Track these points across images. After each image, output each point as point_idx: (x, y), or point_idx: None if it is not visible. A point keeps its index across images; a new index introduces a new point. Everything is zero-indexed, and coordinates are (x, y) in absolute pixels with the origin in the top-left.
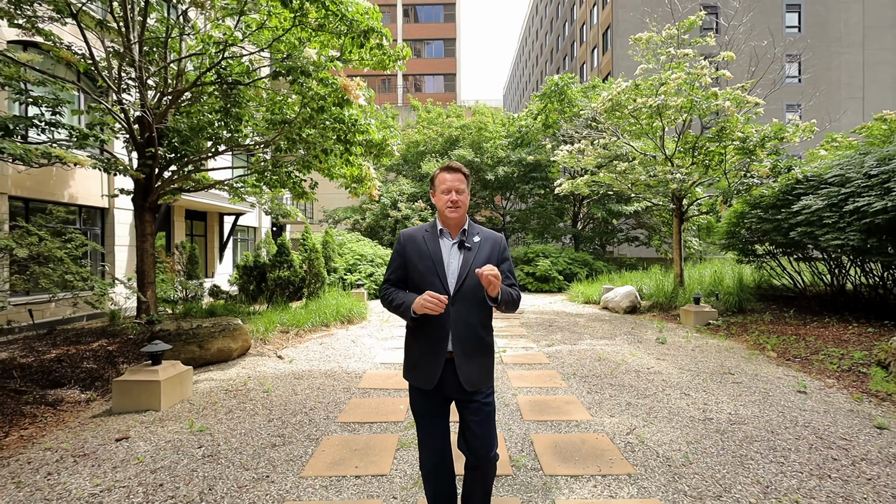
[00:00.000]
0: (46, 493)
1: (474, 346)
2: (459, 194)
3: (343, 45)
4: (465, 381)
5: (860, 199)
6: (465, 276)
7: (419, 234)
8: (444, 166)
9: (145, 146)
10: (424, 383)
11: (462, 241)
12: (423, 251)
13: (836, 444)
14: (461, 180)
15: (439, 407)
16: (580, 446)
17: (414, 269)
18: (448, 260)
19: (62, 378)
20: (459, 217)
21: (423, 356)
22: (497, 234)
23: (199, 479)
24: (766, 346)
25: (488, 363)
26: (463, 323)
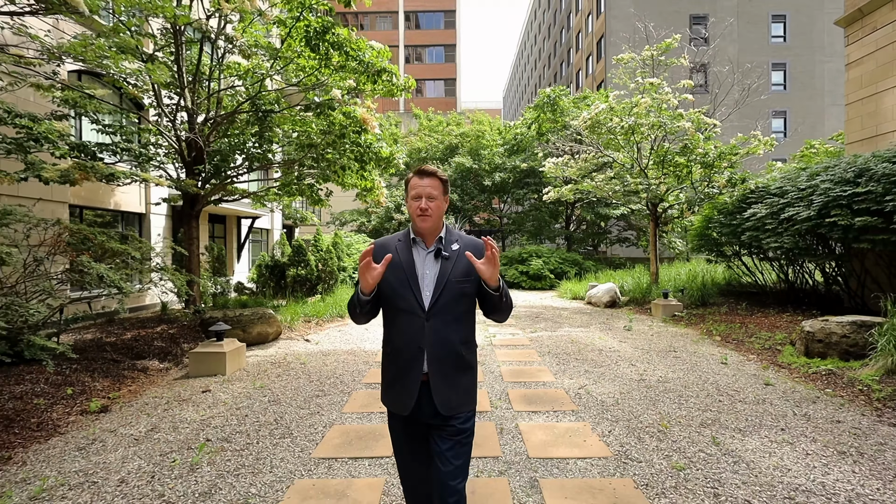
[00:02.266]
0: (170, 420)
1: (453, 366)
2: (431, 201)
3: (359, 80)
4: (442, 405)
5: (792, 209)
6: (443, 289)
7: (391, 244)
8: (417, 169)
9: (193, 164)
10: (400, 409)
11: (439, 250)
12: (394, 262)
13: (726, 394)
14: (435, 186)
15: (420, 435)
16: (542, 396)
17: (385, 281)
18: (423, 271)
19: (142, 353)
20: (431, 226)
21: (397, 379)
22: (478, 241)
23: (270, 413)
24: (713, 332)
25: (469, 384)
26: (440, 340)
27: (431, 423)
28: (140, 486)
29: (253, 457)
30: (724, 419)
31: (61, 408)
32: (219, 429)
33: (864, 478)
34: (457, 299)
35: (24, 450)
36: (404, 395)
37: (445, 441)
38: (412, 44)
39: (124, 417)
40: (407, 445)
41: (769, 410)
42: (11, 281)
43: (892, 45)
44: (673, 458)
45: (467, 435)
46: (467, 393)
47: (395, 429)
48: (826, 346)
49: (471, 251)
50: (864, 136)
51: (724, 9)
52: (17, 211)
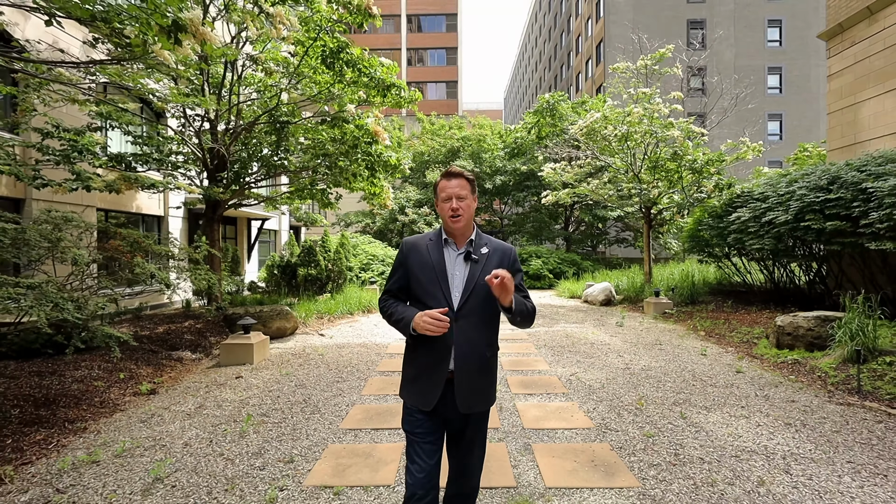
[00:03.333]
0: (213, 400)
1: (478, 366)
2: (461, 201)
3: (369, 93)
4: (462, 404)
5: (772, 213)
6: (471, 291)
7: (423, 243)
8: (444, 172)
9: (215, 171)
10: (422, 404)
11: (468, 252)
12: (425, 261)
13: (700, 379)
14: (463, 186)
15: (436, 429)
16: (537, 381)
17: (416, 280)
18: (452, 272)
19: (176, 344)
20: (464, 226)
21: (422, 375)
22: (507, 246)
23: (298, 395)
24: (698, 328)
25: (490, 385)
26: (467, 341)
27: (449, 418)
28: (202, 448)
29: (290, 427)
30: (694, 399)
31: (117, 389)
32: (256, 406)
33: (800, 442)
34: (484, 302)
35: (94, 422)
36: (429, 392)
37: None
38: (414, 46)
39: (172, 398)
40: (421, 428)
41: (735, 392)
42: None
43: (869, 59)
44: (645, 428)
45: (483, 434)
46: (487, 393)
47: (410, 422)
48: (794, 338)
49: (500, 255)
50: (845, 144)
51: (720, 14)
52: (75, 218)
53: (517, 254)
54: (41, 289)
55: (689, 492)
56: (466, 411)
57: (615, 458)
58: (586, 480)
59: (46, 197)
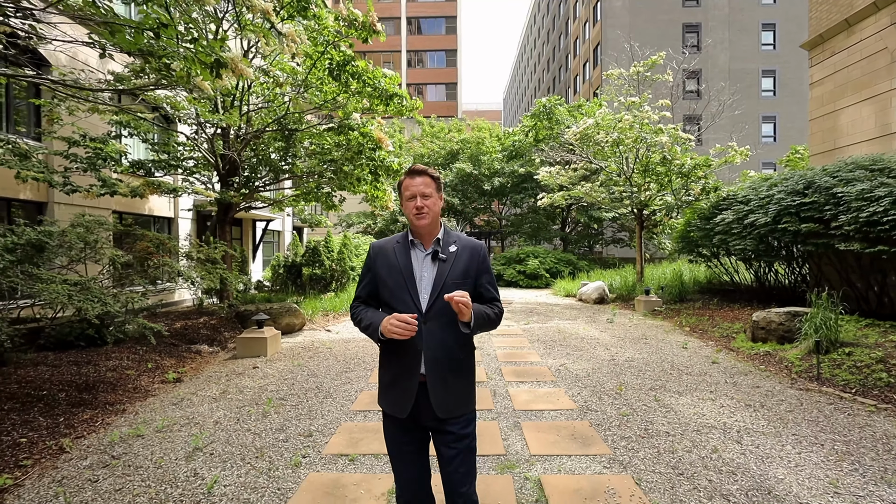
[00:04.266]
0: (234, 386)
1: (451, 368)
2: (426, 199)
3: (373, 102)
4: (438, 408)
5: (753, 215)
6: (440, 291)
7: (389, 246)
8: (408, 170)
9: (227, 176)
10: (397, 411)
11: (436, 252)
12: (392, 264)
13: (678, 369)
14: (427, 184)
15: (416, 439)
16: (529, 370)
17: (383, 284)
18: (420, 273)
19: (193, 339)
20: (429, 225)
21: (395, 381)
22: (476, 242)
23: (311, 382)
24: (684, 324)
25: (467, 387)
26: (437, 343)
27: (430, 427)
28: (230, 425)
29: (306, 409)
30: (669, 385)
31: (146, 378)
32: (274, 392)
33: (756, 419)
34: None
35: (131, 405)
36: (402, 398)
37: (450, 449)
38: (414, 49)
39: (197, 385)
40: (403, 447)
41: (707, 380)
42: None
43: (847, 69)
44: (622, 409)
45: (470, 440)
46: (464, 395)
47: (391, 431)
48: (767, 332)
49: (469, 252)
50: (825, 150)
51: (715, 18)
52: (107, 222)
53: (486, 250)
54: (86, 286)
55: (653, 457)
56: (445, 416)
57: (592, 432)
58: (565, 449)
59: (67, 200)
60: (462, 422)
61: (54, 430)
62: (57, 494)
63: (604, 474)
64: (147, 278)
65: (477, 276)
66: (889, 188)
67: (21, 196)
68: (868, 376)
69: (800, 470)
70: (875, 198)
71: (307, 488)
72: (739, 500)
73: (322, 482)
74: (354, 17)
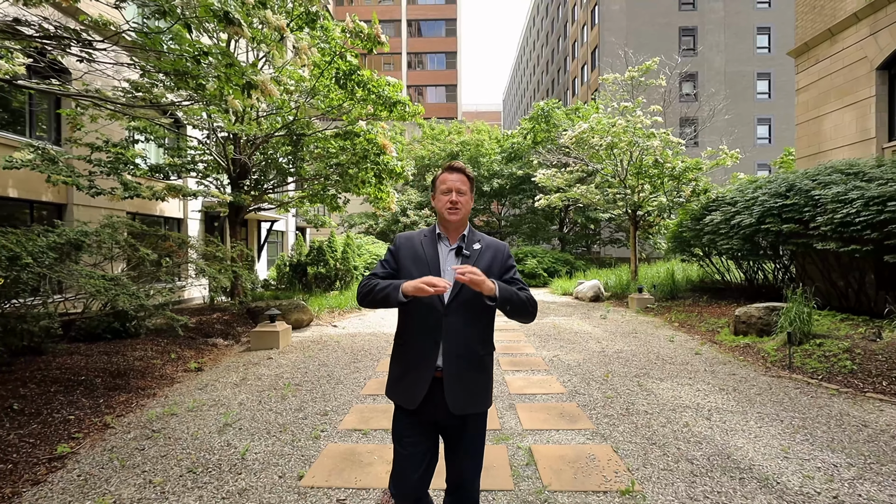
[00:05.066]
0: (252, 374)
1: (469, 364)
2: (461, 195)
3: (377, 108)
4: (452, 405)
5: (739, 216)
6: (462, 285)
7: (417, 238)
8: (446, 166)
9: (238, 179)
10: (407, 402)
11: (460, 247)
12: (418, 255)
13: (662, 359)
14: (463, 181)
15: (425, 431)
16: (524, 361)
17: (407, 273)
18: (445, 266)
19: (209, 332)
20: (459, 220)
21: (409, 371)
22: (500, 243)
23: (323, 371)
24: (673, 320)
25: (484, 385)
26: (457, 336)
27: (442, 423)
28: (253, 406)
29: (320, 393)
30: (653, 373)
31: (170, 367)
32: (290, 379)
33: (727, 401)
34: (475, 297)
35: (160, 390)
36: (415, 388)
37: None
38: (414, 51)
39: (217, 374)
40: (409, 431)
41: (688, 368)
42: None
43: (831, 76)
44: (607, 393)
45: (481, 441)
46: (481, 394)
47: (403, 428)
48: (748, 326)
49: (493, 251)
50: (810, 153)
51: (711, 21)
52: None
53: (511, 251)
54: (121, 281)
55: (630, 431)
56: (458, 412)
57: (579, 411)
58: (554, 425)
59: (85, 202)
60: (476, 420)
61: (97, 410)
62: (111, 459)
63: (586, 444)
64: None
65: (501, 273)
66: (861, 191)
67: (43, 198)
68: (834, 364)
69: (758, 440)
70: (848, 200)
71: (327, 455)
72: (701, 463)
73: (339, 451)
74: (360, 29)
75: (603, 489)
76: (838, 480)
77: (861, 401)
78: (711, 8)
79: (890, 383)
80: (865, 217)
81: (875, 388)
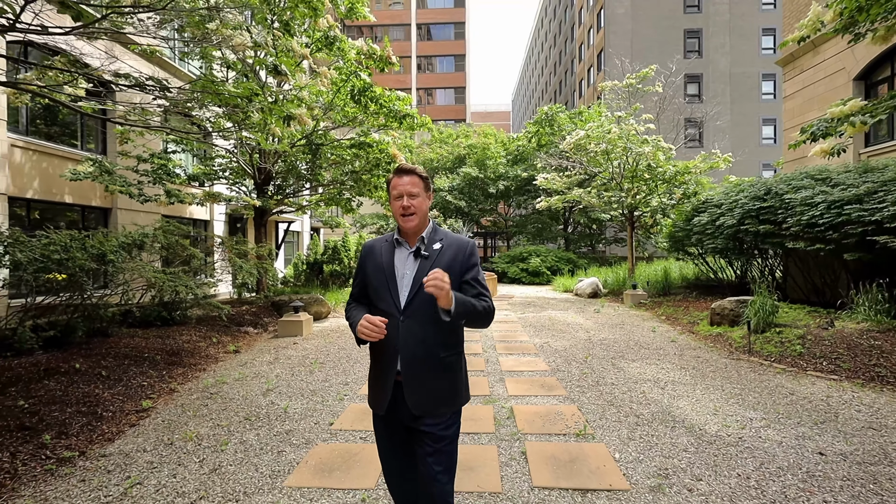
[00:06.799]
0: (283, 355)
1: (429, 367)
2: (413, 199)
3: (388, 121)
4: (414, 406)
5: (723, 218)
6: (419, 288)
7: (378, 245)
8: (396, 169)
9: (262, 185)
10: (376, 407)
11: (418, 249)
12: (377, 263)
13: (640, 345)
14: (415, 183)
15: (397, 434)
16: (517, 346)
17: (370, 283)
18: (402, 271)
19: (240, 322)
20: (416, 225)
21: (375, 378)
22: (464, 240)
23: (342, 353)
24: (661, 314)
25: (447, 387)
26: (415, 341)
27: (409, 425)
28: (287, 378)
29: (341, 369)
30: (628, 356)
31: (213, 349)
32: (315, 358)
33: (683, 376)
34: (433, 299)
35: (208, 366)
36: (380, 395)
37: (426, 447)
38: (424, 54)
39: (253, 355)
40: (387, 442)
41: (660, 353)
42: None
43: (814, 85)
44: (584, 370)
45: (448, 442)
46: (444, 395)
47: (378, 427)
48: (721, 317)
49: (454, 249)
50: (796, 157)
51: (716, 24)
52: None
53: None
54: (178, 275)
55: (596, 397)
56: (419, 413)
57: (557, 383)
58: (534, 392)
59: (127, 206)
60: (443, 423)
61: (162, 378)
62: (184, 411)
63: (557, 405)
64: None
65: (462, 273)
66: (826, 195)
67: (93, 203)
68: (787, 348)
69: (697, 403)
70: (814, 203)
71: (350, 411)
72: (646, 418)
73: (360, 408)
74: (373, 51)
75: (563, 433)
76: (749, 428)
77: (800, 377)
78: (716, 10)
79: (829, 363)
80: (828, 219)
81: (816, 367)
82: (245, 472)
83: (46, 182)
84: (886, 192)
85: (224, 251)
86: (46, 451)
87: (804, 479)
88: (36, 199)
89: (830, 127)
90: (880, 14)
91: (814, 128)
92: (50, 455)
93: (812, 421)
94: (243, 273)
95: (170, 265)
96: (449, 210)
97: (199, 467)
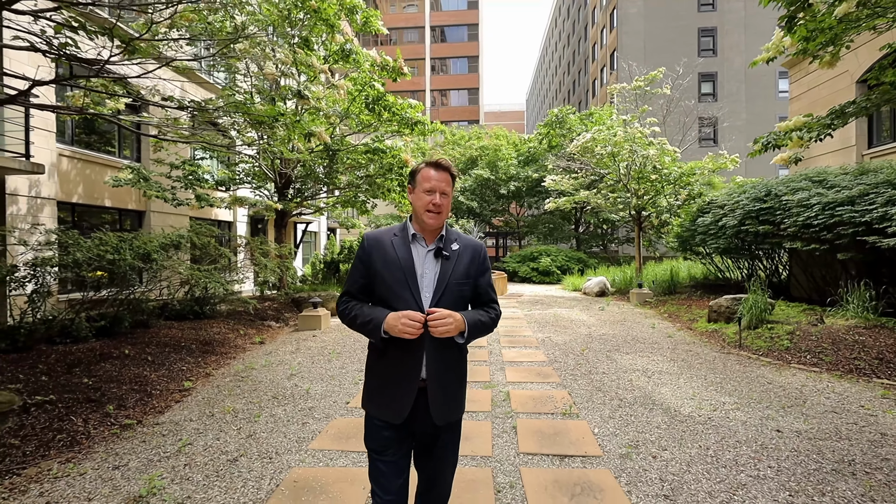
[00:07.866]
0: (304, 346)
1: (452, 372)
2: (444, 197)
3: (400, 128)
4: (438, 416)
5: (725, 218)
6: (443, 290)
7: (387, 238)
8: (430, 161)
9: (283, 188)
10: (391, 416)
11: (439, 249)
12: (391, 259)
13: (637, 340)
14: (448, 181)
15: (403, 445)
16: (520, 340)
17: (380, 280)
18: (422, 270)
19: (263, 317)
20: (439, 224)
21: (390, 383)
22: (476, 242)
23: (358, 345)
24: (664, 312)
25: (463, 392)
26: (440, 344)
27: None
28: (308, 364)
29: (357, 358)
30: (623, 349)
31: (240, 340)
32: (332, 349)
33: (670, 367)
34: (456, 303)
35: (237, 354)
36: (398, 403)
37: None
38: (438, 56)
39: (276, 346)
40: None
41: (654, 347)
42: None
43: (819, 87)
44: (579, 361)
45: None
46: (460, 401)
47: (380, 434)
48: (718, 314)
49: (471, 252)
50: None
51: (731, 22)
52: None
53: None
54: (212, 273)
55: (587, 384)
56: (442, 422)
57: (552, 372)
58: (531, 380)
59: (158, 209)
60: (453, 428)
61: (199, 364)
62: (220, 390)
63: (550, 390)
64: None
65: (477, 276)
66: (821, 197)
67: (129, 207)
68: (775, 343)
69: (678, 390)
70: (810, 204)
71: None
72: (628, 401)
73: None
74: (386, 62)
75: (552, 412)
76: (720, 410)
77: (783, 369)
78: (731, 8)
79: (812, 357)
80: (822, 220)
81: (800, 360)
82: (276, 438)
83: (89, 187)
84: (877, 194)
85: (248, 251)
86: (111, 419)
87: (756, 451)
88: (80, 203)
89: (779, 139)
90: (822, 44)
91: (764, 139)
92: (114, 422)
93: (780, 405)
94: (266, 271)
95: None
96: (461, 210)
97: (237, 433)
